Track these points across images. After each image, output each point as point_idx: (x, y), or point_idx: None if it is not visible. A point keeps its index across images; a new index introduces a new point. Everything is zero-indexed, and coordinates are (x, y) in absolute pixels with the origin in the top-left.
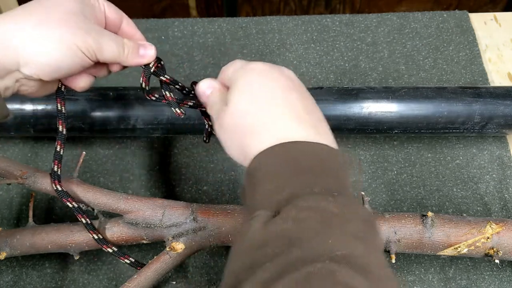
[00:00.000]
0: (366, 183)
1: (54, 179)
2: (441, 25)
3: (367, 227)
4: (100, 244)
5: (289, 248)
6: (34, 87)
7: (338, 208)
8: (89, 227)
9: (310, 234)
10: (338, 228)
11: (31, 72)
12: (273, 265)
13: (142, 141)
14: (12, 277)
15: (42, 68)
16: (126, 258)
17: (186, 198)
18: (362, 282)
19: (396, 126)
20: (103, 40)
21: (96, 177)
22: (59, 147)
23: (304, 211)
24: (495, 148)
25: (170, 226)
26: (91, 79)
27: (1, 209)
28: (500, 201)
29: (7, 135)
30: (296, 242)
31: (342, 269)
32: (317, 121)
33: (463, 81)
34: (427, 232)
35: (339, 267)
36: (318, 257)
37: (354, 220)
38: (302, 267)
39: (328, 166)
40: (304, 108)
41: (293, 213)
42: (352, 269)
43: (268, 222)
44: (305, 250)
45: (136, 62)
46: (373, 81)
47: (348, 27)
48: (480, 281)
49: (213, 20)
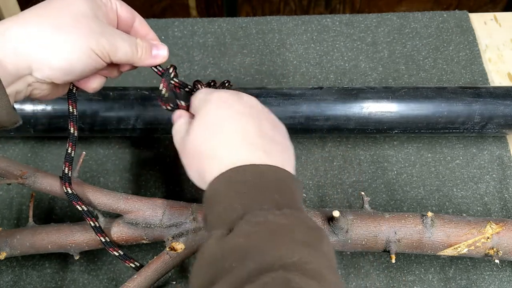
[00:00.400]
0: (366, 183)
1: (64, 181)
2: (441, 25)
3: (314, 235)
4: (107, 247)
5: (243, 261)
6: (47, 90)
7: (285, 220)
8: (97, 230)
9: (260, 245)
10: (287, 237)
11: (44, 76)
12: (230, 278)
13: (142, 141)
14: (12, 277)
15: (55, 72)
16: (132, 262)
17: (186, 198)
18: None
19: (396, 126)
20: (116, 41)
21: (96, 177)
22: (70, 149)
23: (253, 226)
24: (495, 148)
25: (170, 226)
26: (103, 80)
27: (1, 209)
28: (500, 201)
29: (7, 135)
30: (248, 255)
31: (295, 277)
32: (269, 144)
33: (463, 81)
34: (427, 232)
35: (292, 275)
36: (270, 266)
37: (301, 229)
38: (258, 278)
39: (275, 184)
40: (257, 133)
41: (244, 228)
42: (305, 275)
43: (222, 238)
44: (257, 261)
45: (149, 63)
46: (373, 81)
47: (348, 27)
48: (480, 281)
49: (213, 20)
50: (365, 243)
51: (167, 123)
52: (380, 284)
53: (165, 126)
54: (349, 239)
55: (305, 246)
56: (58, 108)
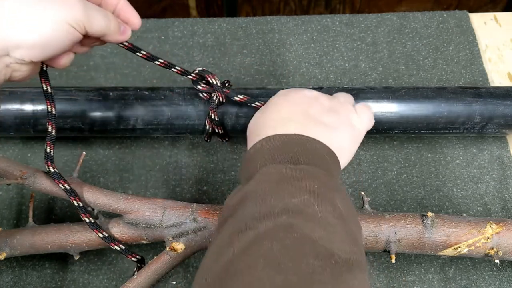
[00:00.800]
0: (366, 183)
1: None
2: (441, 25)
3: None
4: (107, 242)
5: (244, 202)
6: (27, 71)
7: (296, 172)
8: (93, 226)
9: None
10: (292, 185)
11: (23, 55)
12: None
13: (142, 141)
14: (12, 277)
15: (33, 50)
16: (133, 256)
17: (186, 198)
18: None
19: (396, 126)
20: (91, 13)
21: (96, 177)
22: (50, 128)
23: (264, 175)
24: (495, 148)
25: (170, 226)
26: (72, 56)
27: (1, 209)
28: (500, 201)
29: (7, 135)
30: (249, 197)
31: (298, 222)
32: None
33: (463, 81)
34: (427, 232)
35: (295, 220)
36: (271, 209)
37: (311, 180)
38: (260, 223)
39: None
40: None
41: (256, 178)
42: (309, 221)
43: (239, 189)
44: (258, 204)
45: (118, 39)
46: (373, 81)
47: (348, 27)
48: (480, 281)
49: (213, 20)
50: (365, 243)
51: (167, 123)
52: (380, 284)
53: (165, 126)
54: None
55: (312, 194)
56: (58, 108)
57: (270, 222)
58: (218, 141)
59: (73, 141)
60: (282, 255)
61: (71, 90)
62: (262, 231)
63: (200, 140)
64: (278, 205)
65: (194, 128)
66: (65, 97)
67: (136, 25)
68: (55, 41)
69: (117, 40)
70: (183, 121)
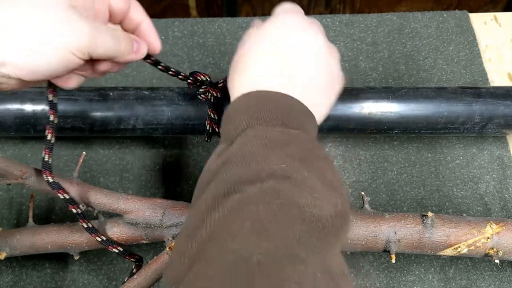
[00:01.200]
0: (366, 183)
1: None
2: (441, 25)
3: (311, 153)
4: (106, 245)
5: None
6: (16, 85)
7: (283, 136)
8: (91, 231)
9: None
10: (279, 150)
11: (9, 72)
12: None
13: (142, 141)
14: (12, 277)
15: (22, 70)
16: (132, 257)
17: (186, 198)
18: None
19: (396, 126)
20: (99, 37)
21: (96, 177)
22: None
23: (249, 138)
24: (495, 148)
25: (170, 226)
26: (82, 79)
27: (1, 209)
28: (500, 201)
29: (7, 135)
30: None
31: (285, 187)
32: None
33: (463, 81)
34: (427, 232)
35: (282, 185)
36: (257, 174)
37: (298, 146)
38: (245, 187)
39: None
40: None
41: (240, 140)
42: (296, 186)
43: (222, 151)
44: (243, 168)
45: (131, 58)
46: (373, 81)
47: (348, 27)
48: (480, 281)
49: (213, 20)
50: (365, 243)
51: (167, 123)
52: (380, 284)
53: (165, 126)
54: (349, 239)
55: (298, 160)
56: (58, 108)
57: (256, 187)
58: (218, 141)
59: (73, 141)
60: (268, 221)
61: (71, 90)
62: (248, 195)
63: (200, 140)
64: (264, 169)
65: (194, 128)
66: (65, 97)
67: (156, 50)
68: (48, 66)
69: (131, 60)
70: (183, 121)
